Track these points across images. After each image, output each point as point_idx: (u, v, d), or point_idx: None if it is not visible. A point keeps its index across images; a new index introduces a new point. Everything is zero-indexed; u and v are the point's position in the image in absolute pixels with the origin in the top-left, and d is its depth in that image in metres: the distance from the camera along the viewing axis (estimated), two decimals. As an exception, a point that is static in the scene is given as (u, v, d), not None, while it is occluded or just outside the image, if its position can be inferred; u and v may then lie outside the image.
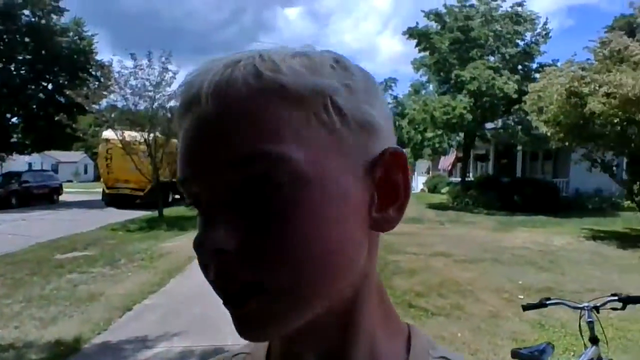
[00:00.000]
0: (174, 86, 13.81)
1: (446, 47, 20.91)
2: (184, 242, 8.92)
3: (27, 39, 19.24)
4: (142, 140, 12.96)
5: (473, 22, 21.28)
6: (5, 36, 18.76)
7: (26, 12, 19.23)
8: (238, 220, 0.31)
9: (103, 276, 6.28)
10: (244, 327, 0.33)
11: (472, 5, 22.01)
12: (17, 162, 27.40)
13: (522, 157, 18.48)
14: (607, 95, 8.75)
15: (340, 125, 0.33)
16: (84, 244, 8.63)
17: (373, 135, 0.35)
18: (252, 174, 0.31)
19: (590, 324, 2.24)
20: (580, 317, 2.28)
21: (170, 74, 13.50)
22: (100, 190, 17.39)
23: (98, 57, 20.05)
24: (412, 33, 21.51)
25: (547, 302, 2.36)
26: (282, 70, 0.32)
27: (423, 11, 22.88)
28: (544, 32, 21.54)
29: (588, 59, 11.03)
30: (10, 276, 6.26)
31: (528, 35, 21.25)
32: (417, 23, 22.25)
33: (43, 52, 19.05)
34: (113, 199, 16.10)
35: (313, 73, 0.33)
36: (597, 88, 8.99)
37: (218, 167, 0.32)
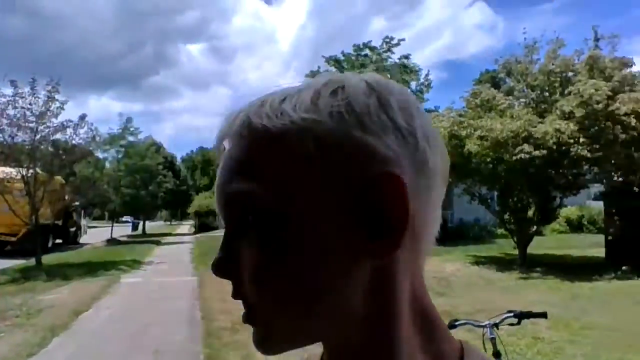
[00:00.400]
0: (62, 117, 12.52)
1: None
2: (67, 294, 7.83)
3: None
4: (19, 177, 11.33)
5: (366, 69, 23.33)
6: None
7: None
8: (236, 252, 0.36)
9: (-35, 340, 5.19)
10: (254, 342, 0.37)
11: (366, 55, 24.29)
12: None
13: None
14: (481, 138, 10.19)
15: (321, 157, 0.33)
16: None
17: (364, 161, 0.33)
18: (238, 214, 0.35)
19: (493, 340, 2.51)
20: (483, 335, 2.55)
21: (57, 104, 12.23)
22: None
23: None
24: (313, 76, 22.84)
25: (456, 324, 2.60)
26: (269, 115, 0.34)
27: (324, 56, 24.59)
28: (426, 82, 24.57)
29: (463, 107, 12.73)
30: None
31: (413, 84, 24.02)
32: (319, 67, 23.73)
33: None
34: (-25, 247, 13.58)
35: (299, 110, 0.34)
36: (472, 132, 10.42)
37: (221, 204, 0.37)
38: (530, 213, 11.24)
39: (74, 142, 13.17)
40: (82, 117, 13.15)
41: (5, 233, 13.43)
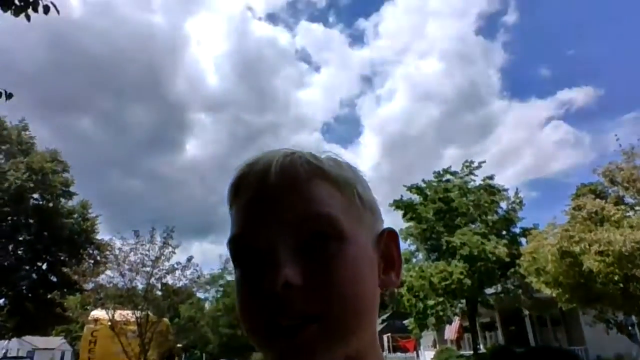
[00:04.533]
0: (173, 260, 13.91)
1: (432, 217, 22.20)
2: None
3: (31, 220, 19.85)
4: (133, 319, 12.26)
5: (452, 193, 23.09)
6: (10, 217, 19.39)
7: (35, 195, 20.31)
8: (300, 263, 0.41)
9: None
10: (297, 356, 0.39)
11: (448, 180, 24.34)
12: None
13: (531, 322, 17.70)
14: (600, 253, 9.06)
15: (362, 208, 0.46)
16: None
17: (377, 217, 0.49)
18: (310, 229, 0.42)
19: None
20: None
21: (170, 249, 13.74)
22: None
23: (98, 237, 20.52)
24: (398, 205, 23.13)
25: None
26: (323, 163, 0.46)
27: (405, 185, 25.14)
28: (517, 200, 23.35)
29: (568, 222, 11.74)
30: None
31: (504, 204, 22.98)
32: (402, 196, 24.19)
33: (45, 232, 19.46)
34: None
35: (339, 168, 0.47)
36: (587, 246, 9.36)
37: (284, 223, 0.42)
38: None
39: (180, 283, 14.28)
40: (189, 259, 14.46)
41: (116, 375, 13.97)
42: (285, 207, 0.42)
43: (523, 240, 20.54)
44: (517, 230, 22.39)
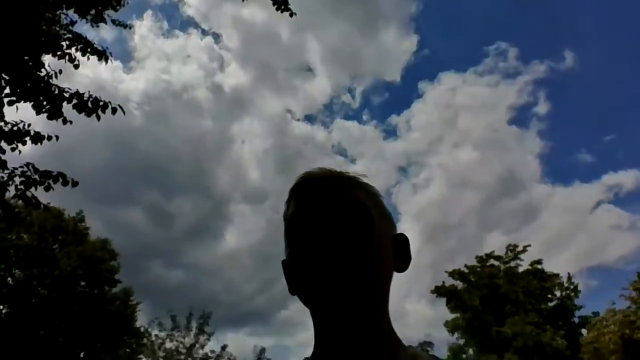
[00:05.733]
0: (207, 348, 13.68)
1: (478, 305, 20.74)
2: None
3: (76, 308, 20.39)
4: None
5: (498, 280, 21.76)
6: (56, 304, 20.05)
7: (83, 282, 21.11)
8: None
9: None
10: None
11: (492, 265, 23.07)
12: None
13: None
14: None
15: (382, 214, 0.64)
16: None
17: (392, 224, 0.66)
18: (352, 207, 0.60)
19: None
20: None
21: (205, 336, 13.61)
22: None
23: (137, 324, 20.60)
24: (440, 291, 21.96)
25: None
26: (362, 179, 0.66)
27: (446, 271, 23.98)
28: (572, 287, 21.61)
29: (629, 307, 10.82)
30: None
31: (558, 292, 21.30)
32: (444, 282, 23.00)
33: (87, 319, 19.83)
34: None
35: (371, 186, 0.66)
36: (652, 333, 8.50)
37: (332, 204, 0.61)
38: None
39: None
40: (224, 348, 14.20)
41: None
42: (333, 194, 0.60)
43: (583, 330, 18.63)
44: (576, 320, 20.47)
